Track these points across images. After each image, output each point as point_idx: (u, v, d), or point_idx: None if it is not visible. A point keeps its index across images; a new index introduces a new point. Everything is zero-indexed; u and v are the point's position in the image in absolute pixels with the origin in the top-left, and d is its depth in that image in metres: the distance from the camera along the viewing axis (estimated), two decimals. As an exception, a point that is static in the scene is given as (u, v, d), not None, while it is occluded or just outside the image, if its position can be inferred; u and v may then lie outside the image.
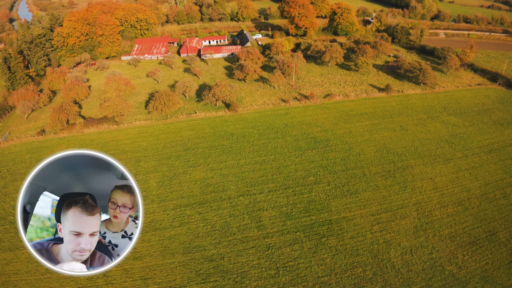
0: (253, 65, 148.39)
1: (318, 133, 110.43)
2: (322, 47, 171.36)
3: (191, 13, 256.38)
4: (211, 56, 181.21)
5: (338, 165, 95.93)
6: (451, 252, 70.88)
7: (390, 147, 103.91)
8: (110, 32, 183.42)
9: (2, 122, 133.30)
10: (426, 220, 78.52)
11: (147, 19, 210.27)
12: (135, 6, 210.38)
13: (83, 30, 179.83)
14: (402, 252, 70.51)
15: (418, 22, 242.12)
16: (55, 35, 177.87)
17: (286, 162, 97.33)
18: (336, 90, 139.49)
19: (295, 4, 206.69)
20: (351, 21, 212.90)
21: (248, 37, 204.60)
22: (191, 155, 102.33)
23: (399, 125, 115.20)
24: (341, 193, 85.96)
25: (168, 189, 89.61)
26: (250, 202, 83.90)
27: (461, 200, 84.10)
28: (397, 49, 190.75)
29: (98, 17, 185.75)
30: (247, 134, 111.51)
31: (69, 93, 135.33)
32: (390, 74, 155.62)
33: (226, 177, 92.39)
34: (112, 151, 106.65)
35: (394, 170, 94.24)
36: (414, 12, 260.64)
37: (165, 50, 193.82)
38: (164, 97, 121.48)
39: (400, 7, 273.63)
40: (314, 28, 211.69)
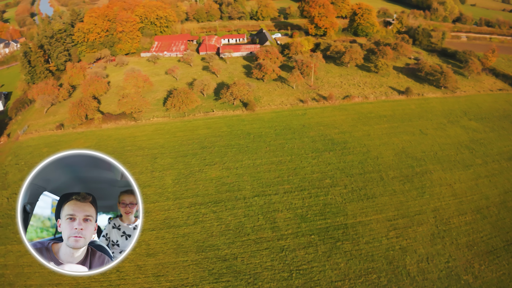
0: (272, 64, 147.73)
1: (336, 135, 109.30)
2: (341, 47, 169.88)
3: (211, 11, 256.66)
4: (230, 55, 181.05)
5: (355, 168, 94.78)
6: (468, 261, 69.37)
7: (408, 151, 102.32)
8: (130, 29, 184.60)
9: (21, 115, 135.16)
10: (444, 227, 77.00)
11: (167, 16, 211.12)
12: (155, 4, 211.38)
13: (103, 26, 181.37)
14: (418, 260, 69.25)
15: (440, 25, 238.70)
16: (76, 31, 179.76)
17: (303, 163, 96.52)
18: (355, 92, 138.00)
19: (315, 4, 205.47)
20: (372, 22, 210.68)
21: (267, 36, 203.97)
22: (207, 153, 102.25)
23: (418, 129, 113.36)
24: (358, 197, 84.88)
25: (183, 186, 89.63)
26: (265, 202, 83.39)
27: (479, 208, 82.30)
28: (418, 51, 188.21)
29: (118, 13, 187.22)
30: (263, 133, 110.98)
31: (88, 88, 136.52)
32: (411, 76, 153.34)
33: (241, 177, 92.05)
34: (129, 147, 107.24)
35: (412, 175, 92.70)
36: (435, 14, 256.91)
37: (184, 48, 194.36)
38: (182, 95, 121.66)
39: (422, 9, 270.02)
40: (334, 28, 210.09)
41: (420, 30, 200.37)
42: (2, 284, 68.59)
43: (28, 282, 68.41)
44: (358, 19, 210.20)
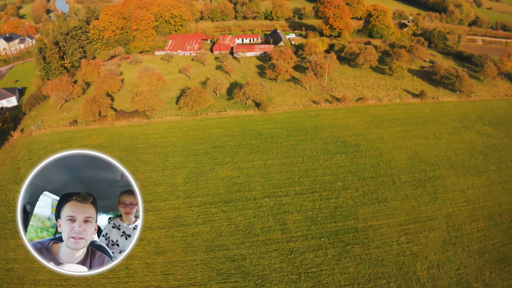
0: (285, 65, 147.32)
1: (349, 137, 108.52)
2: (356, 49, 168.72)
3: (225, 10, 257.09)
4: (244, 55, 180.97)
5: (367, 171, 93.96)
6: (479, 269, 68.32)
7: (422, 155, 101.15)
8: (145, 27, 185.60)
9: (35, 110, 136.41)
10: (456, 234, 75.93)
11: (182, 15, 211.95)
12: (170, 2, 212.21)
13: (118, 24, 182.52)
14: (428, 266, 68.39)
15: (456, 28, 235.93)
16: (91, 28, 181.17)
17: (314, 165, 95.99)
18: (369, 94, 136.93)
19: (330, 5, 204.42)
20: (387, 23, 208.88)
21: (281, 36, 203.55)
22: (219, 153, 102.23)
23: (432, 133, 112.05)
24: (369, 201, 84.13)
25: (194, 185, 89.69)
26: (276, 204, 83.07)
27: (492, 215, 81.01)
28: (433, 54, 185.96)
29: (133, 11, 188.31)
30: (275, 134, 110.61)
31: (102, 86, 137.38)
32: (425, 79, 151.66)
33: (252, 177, 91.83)
34: (141, 144, 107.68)
35: (425, 179, 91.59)
36: (451, 17, 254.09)
37: (198, 47, 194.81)
38: (195, 94, 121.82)
39: (438, 11, 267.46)
40: (349, 29, 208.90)
41: (436, 33, 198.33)
42: (12, 278, 69.31)
43: (37, 276, 69.02)
44: (373, 21, 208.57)
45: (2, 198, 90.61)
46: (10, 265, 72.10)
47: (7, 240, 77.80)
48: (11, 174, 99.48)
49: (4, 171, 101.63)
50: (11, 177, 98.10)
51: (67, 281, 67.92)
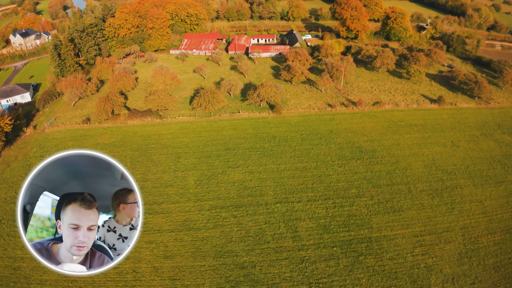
0: (301, 66, 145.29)
1: (364, 143, 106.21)
2: (373, 52, 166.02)
3: (242, 10, 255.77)
4: (259, 55, 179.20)
5: (383, 178, 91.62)
6: (494, 284, 65.75)
7: (439, 163, 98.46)
8: (160, 26, 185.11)
9: (49, 107, 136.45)
10: (472, 246, 73.36)
11: (198, 14, 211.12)
12: (186, 1, 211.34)
13: (134, 22, 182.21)
14: (443, 280, 66.03)
15: (474, 32, 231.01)
16: (107, 26, 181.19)
17: (328, 171, 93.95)
18: (386, 98, 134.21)
19: (348, 6, 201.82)
20: (405, 26, 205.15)
21: (297, 37, 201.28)
22: (231, 155, 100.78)
23: (450, 141, 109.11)
24: (384, 210, 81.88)
25: (205, 188, 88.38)
26: (287, 210, 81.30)
27: (509, 228, 78.02)
28: (452, 58, 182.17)
29: (149, 10, 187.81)
30: (289, 138, 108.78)
31: (116, 84, 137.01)
32: (443, 84, 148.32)
33: (264, 182, 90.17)
34: (153, 144, 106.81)
35: (442, 189, 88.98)
36: (470, 21, 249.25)
37: (214, 47, 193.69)
38: (208, 95, 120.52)
39: (456, 15, 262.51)
40: (366, 31, 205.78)
41: (455, 37, 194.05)
42: (18, 277, 68.75)
43: (44, 276, 68.36)
44: (391, 23, 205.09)
45: (13, 195, 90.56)
46: (17, 264, 71.62)
47: (15, 238, 77.41)
48: (22, 171, 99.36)
49: (15, 167, 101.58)
50: (22, 174, 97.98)
51: (73, 282, 67.13)
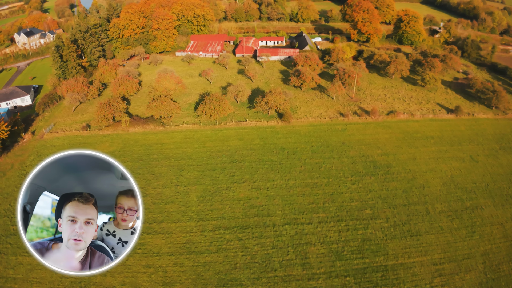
0: (311, 72, 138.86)
1: (379, 157, 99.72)
2: (386, 57, 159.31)
3: (250, 11, 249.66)
4: (267, 59, 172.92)
5: (399, 197, 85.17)
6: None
7: (458, 181, 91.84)
8: (166, 27, 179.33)
9: (49, 111, 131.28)
10: (493, 275, 67.16)
11: (205, 15, 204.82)
12: (193, 1, 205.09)
13: (139, 23, 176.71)
14: (469, 317, 59.79)
15: (487, 36, 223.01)
16: (111, 26, 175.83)
17: (341, 188, 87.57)
18: (400, 107, 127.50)
19: (360, 9, 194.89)
20: (418, 30, 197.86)
21: (307, 40, 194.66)
22: (237, 168, 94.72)
23: (468, 155, 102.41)
24: (401, 233, 75.52)
25: (208, 206, 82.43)
26: (297, 233, 75.06)
27: (533, 254, 71.88)
28: (467, 64, 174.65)
29: (155, 10, 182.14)
30: (299, 150, 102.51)
31: (118, 88, 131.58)
32: (459, 93, 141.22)
33: (272, 199, 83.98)
34: (155, 155, 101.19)
35: (461, 210, 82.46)
36: (483, 25, 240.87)
37: (221, 49, 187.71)
38: (214, 102, 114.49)
39: (468, 18, 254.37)
40: (378, 35, 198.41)
41: (469, 42, 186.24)
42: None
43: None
44: (404, 27, 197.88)
45: (6, 208, 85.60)
46: (8, 285, 67.08)
47: (7, 256, 72.66)
48: (18, 181, 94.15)
49: (11, 176, 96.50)
50: (17, 185, 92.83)
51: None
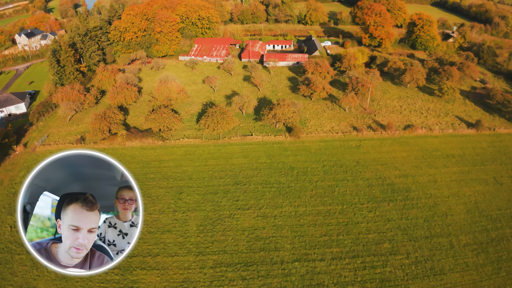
0: (321, 80, 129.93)
1: (396, 179, 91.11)
2: (401, 64, 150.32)
3: (257, 12, 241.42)
4: (275, 64, 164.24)
5: (420, 228, 76.63)
6: None
7: (482, 207, 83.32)
8: (169, 30, 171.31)
9: (43, 121, 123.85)
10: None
11: (210, 17, 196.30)
12: (198, 3, 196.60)
13: (141, 26, 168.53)
14: None
15: (501, 41, 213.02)
16: (112, 29, 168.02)
17: (357, 217, 79.05)
18: (417, 120, 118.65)
19: (371, 12, 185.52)
20: (432, 35, 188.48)
21: (316, 44, 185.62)
22: (241, 192, 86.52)
23: (492, 176, 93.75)
24: (423, 272, 67.21)
25: (209, 237, 74.29)
26: (308, 272, 66.76)
27: None
28: (483, 72, 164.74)
29: (158, 12, 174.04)
30: (309, 170, 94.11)
31: (116, 97, 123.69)
32: (478, 104, 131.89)
33: (280, 230, 75.68)
34: (152, 174, 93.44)
35: (487, 242, 74.14)
36: (496, 29, 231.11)
37: (226, 53, 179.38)
38: (218, 115, 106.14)
39: (480, 21, 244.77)
40: (391, 39, 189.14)
41: (485, 48, 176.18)
42: None
43: None
44: (417, 31, 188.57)
45: (-8, 231, 77.84)
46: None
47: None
48: (6, 201, 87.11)
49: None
50: (5, 205, 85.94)
51: None
